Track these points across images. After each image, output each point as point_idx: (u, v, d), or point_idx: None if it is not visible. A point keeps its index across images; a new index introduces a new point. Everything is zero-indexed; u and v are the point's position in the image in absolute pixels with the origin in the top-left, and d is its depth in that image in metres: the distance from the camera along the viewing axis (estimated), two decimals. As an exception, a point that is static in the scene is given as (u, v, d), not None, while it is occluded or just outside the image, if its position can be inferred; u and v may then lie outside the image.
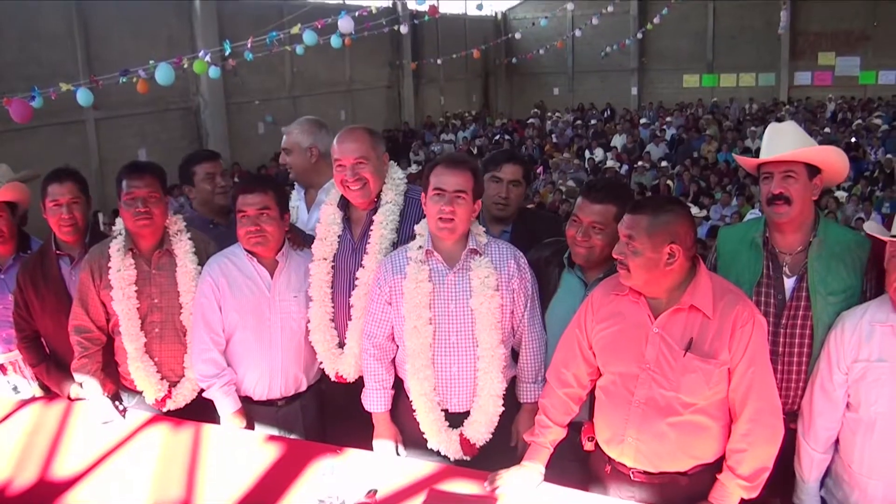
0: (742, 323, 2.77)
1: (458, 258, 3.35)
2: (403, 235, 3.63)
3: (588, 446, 3.13)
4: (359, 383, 3.61)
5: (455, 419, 3.42)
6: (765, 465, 2.82)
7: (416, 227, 3.48)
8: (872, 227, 3.09)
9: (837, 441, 3.08)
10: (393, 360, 3.53)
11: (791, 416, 3.18)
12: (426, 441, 3.42)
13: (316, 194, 4.38)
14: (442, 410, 3.40)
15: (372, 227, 3.65)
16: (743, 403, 2.81)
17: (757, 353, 2.79)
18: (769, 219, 3.26)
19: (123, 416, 3.70)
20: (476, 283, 3.31)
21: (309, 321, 3.73)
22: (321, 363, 3.76)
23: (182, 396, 3.85)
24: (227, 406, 3.67)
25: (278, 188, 3.73)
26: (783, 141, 3.20)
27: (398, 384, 3.53)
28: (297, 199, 4.50)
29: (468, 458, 3.40)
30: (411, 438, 3.49)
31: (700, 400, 2.81)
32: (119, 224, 3.84)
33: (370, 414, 3.53)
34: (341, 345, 3.72)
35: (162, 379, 3.83)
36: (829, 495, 3.14)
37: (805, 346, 3.19)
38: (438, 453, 3.42)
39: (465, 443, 3.39)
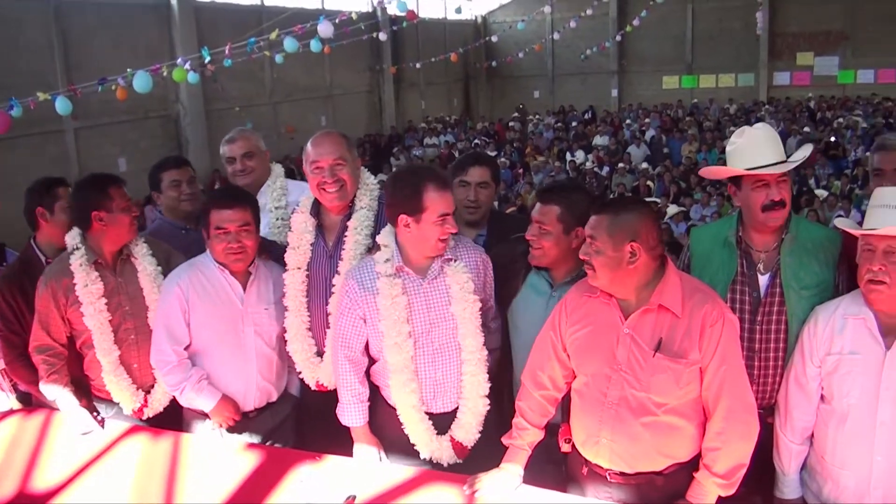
0: (712, 322, 2.79)
1: (429, 267, 3.34)
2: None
3: (565, 448, 3.14)
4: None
5: (437, 420, 3.42)
6: (740, 463, 2.83)
7: (378, 238, 3.43)
8: (843, 222, 3.13)
9: (813, 434, 3.11)
10: (367, 371, 3.51)
11: (769, 411, 3.22)
12: (406, 445, 3.42)
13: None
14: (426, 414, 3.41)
15: (346, 233, 3.64)
16: (716, 402, 2.83)
17: (728, 352, 2.81)
18: (762, 223, 3.25)
19: (102, 426, 3.67)
20: (456, 290, 3.32)
21: (285, 331, 3.72)
22: (300, 373, 3.75)
23: (158, 402, 3.84)
24: (207, 401, 3.61)
25: (254, 201, 3.72)
26: (769, 147, 3.22)
27: (373, 390, 3.52)
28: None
29: (461, 462, 3.41)
30: (391, 442, 3.48)
31: (671, 400, 2.83)
32: (73, 238, 3.80)
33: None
34: (319, 353, 3.71)
35: (137, 389, 3.82)
36: (805, 488, 3.17)
37: (781, 342, 3.22)
38: (418, 456, 3.41)
39: (457, 446, 3.40)
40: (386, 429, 3.48)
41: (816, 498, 3.10)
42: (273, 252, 3.86)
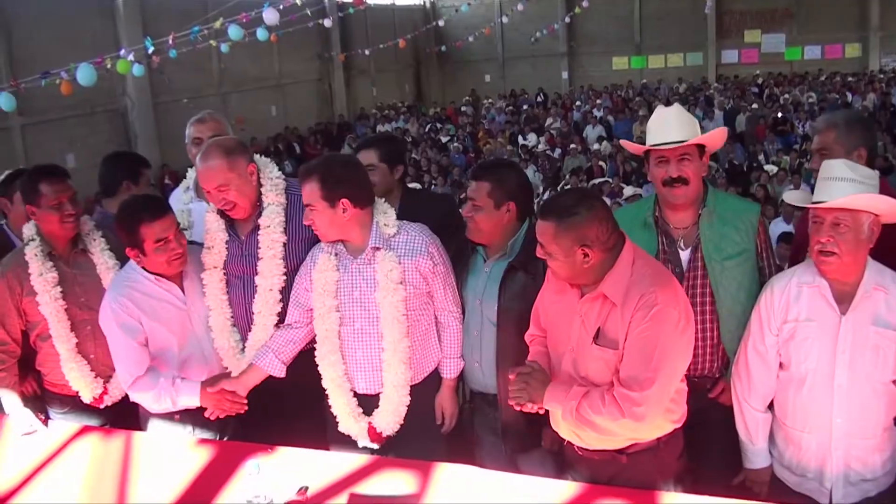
0: (641, 306, 2.73)
1: (362, 249, 3.41)
2: (291, 233, 3.65)
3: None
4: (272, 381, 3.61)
5: (364, 401, 3.49)
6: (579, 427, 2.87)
7: None
8: (792, 195, 3.22)
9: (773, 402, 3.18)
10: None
11: (705, 381, 3.32)
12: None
13: None
14: (352, 392, 3.48)
15: (259, 232, 3.64)
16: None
17: (647, 332, 2.73)
18: (665, 199, 3.34)
19: (46, 424, 3.65)
20: (381, 277, 3.36)
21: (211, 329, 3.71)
22: (227, 368, 3.71)
23: (118, 390, 3.78)
24: (190, 397, 3.52)
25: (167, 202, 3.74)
26: (674, 126, 3.28)
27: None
28: (188, 199, 4.34)
29: (376, 447, 3.47)
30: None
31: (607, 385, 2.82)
32: (30, 230, 3.78)
33: (293, 409, 3.61)
34: (245, 349, 3.71)
35: (97, 377, 3.78)
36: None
37: (708, 313, 3.31)
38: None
39: (371, 431, 3.45)
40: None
41: (779, 462, 3.17)
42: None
